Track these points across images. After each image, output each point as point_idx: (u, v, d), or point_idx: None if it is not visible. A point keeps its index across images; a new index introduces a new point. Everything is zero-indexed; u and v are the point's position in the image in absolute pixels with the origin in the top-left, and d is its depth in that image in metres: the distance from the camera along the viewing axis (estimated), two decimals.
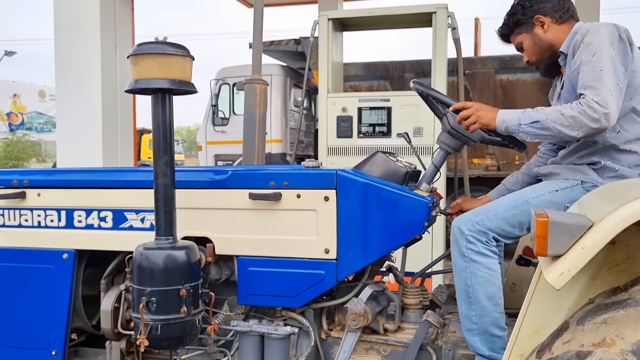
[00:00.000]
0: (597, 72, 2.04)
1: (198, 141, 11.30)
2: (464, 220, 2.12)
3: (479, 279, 2.07)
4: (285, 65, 10.58)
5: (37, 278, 2.37)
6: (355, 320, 2.14)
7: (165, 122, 2.03)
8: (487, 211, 2.13)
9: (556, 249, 1.49)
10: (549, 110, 2.09)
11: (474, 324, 2.08)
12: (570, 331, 1.63)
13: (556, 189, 2.18)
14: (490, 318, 2.06)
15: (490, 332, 2.07)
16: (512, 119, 2.12)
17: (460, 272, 2.11)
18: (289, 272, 2.19)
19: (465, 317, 2.11)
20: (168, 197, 2.04)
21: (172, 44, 2.01)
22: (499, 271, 2.11)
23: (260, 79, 2.87)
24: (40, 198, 2.38)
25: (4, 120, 27.69)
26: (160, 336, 1.98)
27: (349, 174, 2.15)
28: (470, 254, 2.08)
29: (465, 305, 2.10)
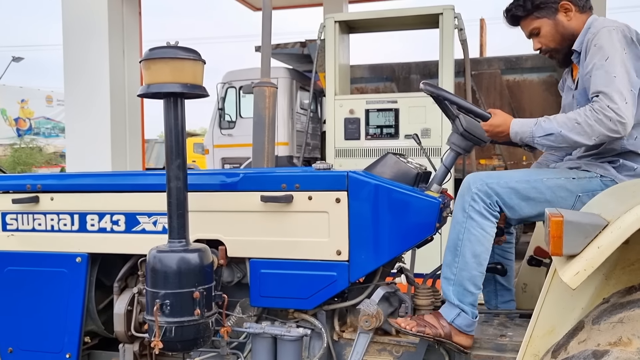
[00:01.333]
0: (611, 78, 2.04)
1: (205, 145, 11.34)
2: (476, 177, 2.16)
3: (471, 236, 2.12)
4: (292, 68, 10.60)
5: (51, 281, 2.38)
6: (367, 321, 2.14)
7: (177, 126, 2.04)
8: (500, 177, 2.16)
9: (571, 249, 1.49)
10: (562, 120, 2.10)
11: (453, 275, 2.16)
12: (586, 330, 1.63)
13: (574, 177, 2.19)
14: (469, 274, 2.13)
15: (465, 287, 2.14)
16: (526, 132, 2.18)
17: (456, 225, 2.17)
18: (301, 274, 2.19)
19: (446, 265, 2.19)
20: (181, 200, 2.04)
21: (184, 48, 2.02)
22: (492, 235, 2.15)
23: (269, 82, 2.88)
24: (54, 202, 2.40)
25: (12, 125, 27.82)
26: (175, 338, 1.98)
27: (360, 175, 2.16)
28: (471, 210, 2.12)
29: (450, 255, 2.18)
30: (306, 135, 6.64)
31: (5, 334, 2.47)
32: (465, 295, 2.14)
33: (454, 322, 2.12)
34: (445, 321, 2.13)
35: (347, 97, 5.37)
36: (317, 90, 9.56)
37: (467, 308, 2.13)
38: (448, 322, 2.13)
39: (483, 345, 2.19)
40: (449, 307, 2.16)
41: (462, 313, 2.12)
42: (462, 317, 2.13)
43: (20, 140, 26.40)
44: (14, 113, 27.82)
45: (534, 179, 2.17)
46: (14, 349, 2.46)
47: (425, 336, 2.11)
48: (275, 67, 10.54)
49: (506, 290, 2.60)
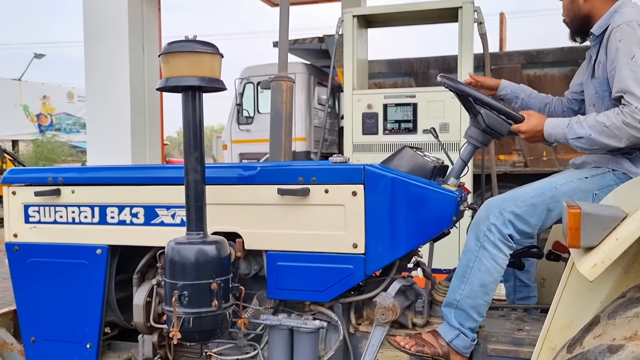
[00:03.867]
0: (637, 77, 2.02)
1: (223, 140, 11.41)
2: (492, 206, 2.14)
3: (481, 266, 2.11)
4: (309, 64, 10.62)
5: (72, 273, 2.43)
6: (384, 314, 2.15)
7: (196, 120, 2.06)
8: (515, 197, 2.15)
9: (589, 241, 1.49)
10: (592, 122, 2.11)
11: (456, 301, 2.15)
12: (602, 325, 1.63)
13: (586, 176, 2.18)
14: (474, 302, 2.12)
15: (468, 313, 2.13)
16: (559, 133, 2.20)
17: (467, 253, 2.16)
18: (318, 267, 2.21)
19: (452, 290, 2.18)
20: (199, 192, 2.07)
21: (202, 42, 2.04)
22: (503, 268, 2.14)
23: (286, 77, 2.89)
24: (75, 195, 2.44)
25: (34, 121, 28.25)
26: (192, 329, 2.01)
27: (377, 168, 2.16)
28: (485, 240, 2.11)
29: (457, 281, 2.17)
30: (324, 130, 6.64)
31: (28, 324, 2.52)
32: (467, 320, 2.13)
33: (452, 342, 2.13)
34: (444, 340, 2.13)
35: (365, 92, 5.35)
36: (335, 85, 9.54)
37: (467, 332, 2.13)
38: (446, 342, 2.13)
39: (500, 339, 2.19)
40: (448, 327, 2.16)
41: (461, 335, 2.13)
42: (461, 338, 2.13)
43: (42, 135, 26.80)
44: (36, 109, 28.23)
45: (548, 189, 2.15)
46: (37, 338, 2.51)
47: (424, 355, 2.12)
48: (293, 63, 10.57)
49: (525, 286, 2.59)
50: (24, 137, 26.77)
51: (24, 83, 27.55)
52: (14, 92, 26.57)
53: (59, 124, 28.62)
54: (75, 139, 27.91)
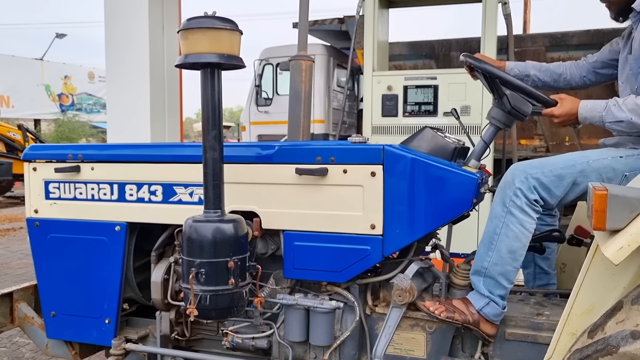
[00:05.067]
0: None
1: (242, 122, 11.43)
2: (519, 170, 2.11)
3: (509, 232, 2.08)
4: (329, 45, 10.55)
5: (91, 249, 2.45)
6: (400, 296, 2.14)
7: (214, 97, 2.05)
8: (544, 165, 2.11)
9: (615, 223, 1.46)
10: (632, 106, 2.07)
11: (485, 269, 2.12)
12: (625, 311, 1.59)
13: (620, 155, 2.13)
14: (503, 269, 2.09)
15: (497, 280, 2.10)
16: (595, 117, 2.15)
17: (494, 219, 2.12)
18: (335, 247, 2.20)
19: (479, 258, 2.15)
20: (217, 171, 2.06)
21: (221, 18, 2.02)
22: (531, 232, 2.10)
23: (306, 56, 2.86)
24: (94, 172, 2.45)
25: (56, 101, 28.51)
26: (209, 306, 2.02)
27: (397, 149, 2.13)
28: (512, 206, 2.08)
29: (484, 248, 2.13)
30: (343, 112, 6.60)
31: (48, 299, 2.56)
32: (496, 287, 2.10)
33: (482, 310, 2.10)
34: (474, 308, 2.11)
35: (385, 73, 5.28)
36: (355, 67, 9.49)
37: (497, 299, 2.10)
38: (477, 309, 2.11)
39: (519, 323, 2.16)
40: (477, 295, 2.14)
41: (491, 302, 2.10)
42: (492, 306, 2.10)
43: (63, 115, 27.06)
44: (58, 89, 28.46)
45: (580, 162, 2.11)
46: (57, 313, 2.54)
47: (454, 322, 2.09)
48: (313, 44, 10.52)
49: (545, 273, 2.55)
50: (46, 116, 27.04)
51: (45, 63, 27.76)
52: (36, 72, 26.79)
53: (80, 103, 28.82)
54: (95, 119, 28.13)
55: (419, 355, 2.26)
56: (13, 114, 23.27)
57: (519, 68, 2.55)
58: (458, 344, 2.26)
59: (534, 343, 2.09)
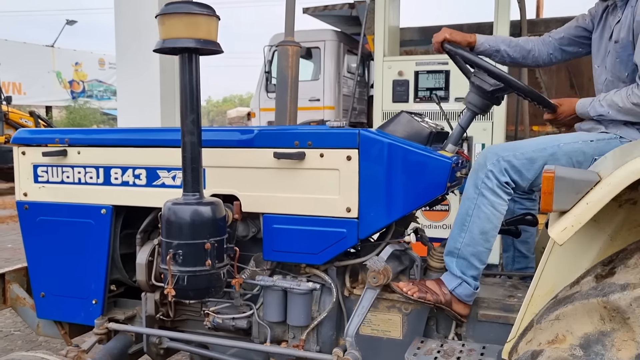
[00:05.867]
0: None
1: (252, 108, 11.55)
2: (492, 152, 2.19)
3: (480, 213, 2.16)
4: (339, 31, 10.58)
5: (78, 232, 2.57)
6: (375, 277, 2.23)
7: (192, 82, 2.15)
8: (516, 148, 2.19)
9: (562, 205, 1.53)
10: (609, 102, 2.19)
11: (457, 249, 2.21)
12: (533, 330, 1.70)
13: (591, 140, 2.21)
14: (475, 249, 2.18)
15: (469, 261, 2.19)
16: (585, 113, 2.31)
17: (466, 201, 2.20)
18: (312, 230, 2.29)
19: (452, 239, 2.24)
20: (195, 154, 2.16)
21: (198, 3, 2.10)
22: (503, 213, 2.18)
23: (293, 41, 2.95)
24: (80, 156, 2.57)
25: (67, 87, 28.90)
26: (187, 287, 2.12)
27: (372, 133, 2.22)
28: (483, 187, 2.16)
29: (457, 229, 2.22)
30: (353, 99, 6.67)
31: (38, 280, 2.69)
32: (469, 268, 2.19)
33: (454, 290, 2.19)
34: (447, 289, 2.20)
35: (396, 59, 5.29)
36: (365, 53, 9.53)
37: (469, 280, 2.19)
38: (449, 290, 2.19)
39: (491, 305, 2.26)
40: (450, 276, 2.23)
41: (463, 283, 2.18)
42: (464, 287, 2.19)
43: (74, 102, 27.44)
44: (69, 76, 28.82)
45: (551, 146, 2.18)
46: (46, 293, 2.68)
47: (426, 302, 2.19)
48: (322, 30, 10.58)
49: (524, 257, 2.64)
50: (57, 103, 27.40)
51: (56, 50, 28.09)
52: (47, 59, 27.12)
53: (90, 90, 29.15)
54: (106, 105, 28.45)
55: (395, 336, 2.36)
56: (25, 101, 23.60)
57: (490, 42, 2.59)
58: (432, 325, 2.36)
59: (505, 324, 2.17)
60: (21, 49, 25.29)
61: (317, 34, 10.39)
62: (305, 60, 10.73)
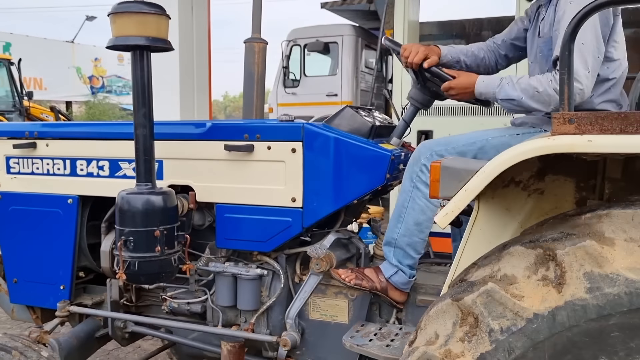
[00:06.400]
0: (579, 45, 2.09)
1: (269, 103, 11.74)
2: (426, 147, 2.30)
3: (415, 205, 2.28)
4: (357, 26, 10.69)
5: (47, 221, 2.75)
6: (317, 264, 2.37)
7: (144, 77, 2.33)
8: (448, 143, 2.30)
9: (447, 192, 1.66)
10: (525, 85, 2.20)
11: (394, 240, 2.34)
12: None
13: (517, 133, 2.31)
14: (410, 240, 2.31)
15: (405, 251, 2.31)
16: (489, 93, 2.30)
17: (403, 193, 2.32)
18: (260, 219, 2.45)
19: (390, 230, 2.36)
20: (147, 146, 2.33)
21: (148, 3, 2.27)
22: (437, 206, 2.29)
23: (259, 38, 3.10)
24: (49, 148, 2.76)
25: (86, 83, 29.57)
26: (138, 272, 2.29)
27: (315, 127, 2.37)
28: (417, 181, 2.27)
29: (394, 221, 2.35)
30: (371, 94, 6.75)
31: (11, 267, 2.88)
32: (405, 257, 2.32)
33: (390, 278, 2.32)
34: (384, 276, 2.33)
35: None
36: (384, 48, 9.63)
37: (405, 269, 2.32)
38: (386, 278, 2.33)
39: (428, 290, 2.38)
40: (388, 265, 2.35)
41: (399, 271, 2.31)
42: (400, 275, 2.32)
43: (94, 97, 28.05)
44: (88, 71, 29.45)
45: (480, 140, 2.28)
46: (18, 280, 2.87)
47: (362, 288, 2.33)
48: (340, 25, 10.71)
49: None
50: (77, 98, 28.03)
51: (76, 45, 28.73)
52: (67, 54, 27.77)
53: (109, 86, 29.75)
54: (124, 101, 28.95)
55: (342, 320, 2.51)
56: (45, 96, 24.19)
57: (452, 54, 2.67)
58: (375, 310, 2.50)
59: None
60: (42, 45, 25.91)
61: (334, 28, 10.51)
62: (323, 55, 10.89)
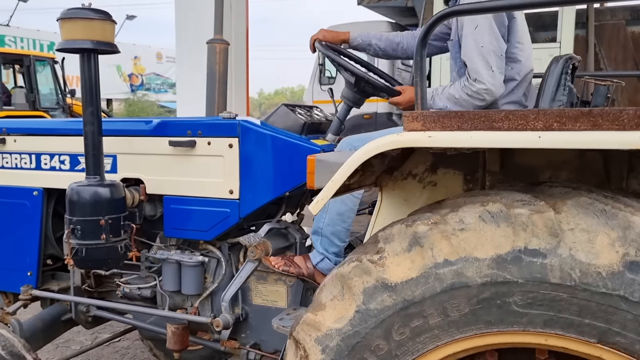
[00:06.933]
0: (479, 48, 2.29)
1: (305, 100, 11.94)
2: (345, 142, 2.48)
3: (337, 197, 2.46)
4: (394, 22, 10.74)
5: (15, 211, 3.01)
6: (252, 252, 2.57)
7: (91, 78, 2.55)
8: (365, 139, 2.44)
9: (320, 183, 1.84)
10: (447, 95, 2.45)
11: (320, 229, 2.54)
12: None
13: None
14: (334, 229, 2.49)
15: (330, 239, 2.50)
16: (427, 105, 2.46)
17: None
18: (202, 210, 2.65)
19: (317, 220, 2.55)
20: (95, 142, 2.56)
21: (94, 9, 2.50)
22: (358, 197, 2.48)
23: (221, 39, 3.32)
24: (17, 144, 3.01)
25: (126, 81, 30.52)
26: (85, 258, 2.52)
27: (249, 124, 2.56)
28: None
29: (321, 212, 2.54)
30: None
31: None
32: (330, 245, 2.51)
33: (317, 265, 2.52)
34: (311, 263, 2.53)
35: None
36: None
37: (330, 256, 2.51)
38: (313, 264, 2.52)
39: None
40: (315, 253, 2.55)
41: (325, 259, 2.51)
42: (326, 262, 2.51)
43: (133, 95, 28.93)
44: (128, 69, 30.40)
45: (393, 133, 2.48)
46: None
47: (289, 274, 2.53)
48: (377, 21, 10.79)
49: None
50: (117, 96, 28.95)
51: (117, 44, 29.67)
52: None
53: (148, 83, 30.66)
54: (163, 98, 29.89)
55: (281, 305, 2.70)
56: None
57: (362, 38, 2.86)
58: (310, 296, 2.67)
59: None
60: None
61: (371, 26, 10.62)
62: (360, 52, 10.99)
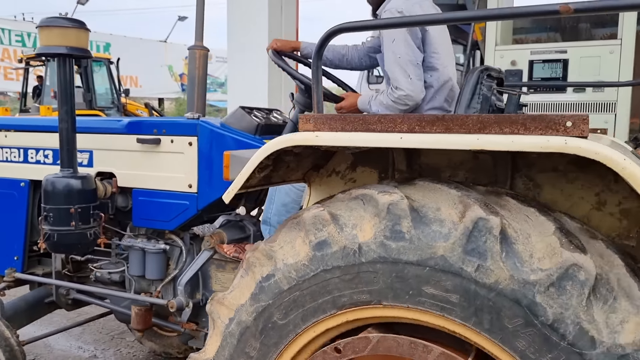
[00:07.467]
0: (397, 59, 2.55)
1: None
2: None
3: (281, 189, 2.72)
4: None
5: (4, 201, 3.34)
6: (207, 241, 2.84)
7: (66, 80, 2.86)
8: None
9: (233, 175, 2.10)
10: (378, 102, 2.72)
11: (268, 219, 2.77)
12: None
13: None
14: (280, 219, 2.73)
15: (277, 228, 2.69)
16: (366, 109, 2.84)
17: None
18: (165, 202, 2.93)
19: (265, 210, 2.80)
20: (69, 138, 2.87)
21: (69, 19, 2.84)
22: (300, 190, 2.71)
23: (201, 46, 3.61)
24: (7, 139, 3.35)
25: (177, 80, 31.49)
26: (56, 242, 2.82)
27: (207, 124, 2.83)
28: None
29: (268, 202, 2.79)
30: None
31: None
32: None
33: None
34: None
35: (509, 48, 5.27)
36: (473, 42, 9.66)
37: None
38: None
39: None
40: None
41: None
42: None
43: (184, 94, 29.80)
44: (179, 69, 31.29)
45: None
46: None
47: (238, 260, 2.79)
48: None
49: None
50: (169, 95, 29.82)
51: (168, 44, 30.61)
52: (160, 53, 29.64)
53: None
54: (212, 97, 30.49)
55: None
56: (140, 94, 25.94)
57: (311, 48, 3.10)
58: None
59: None
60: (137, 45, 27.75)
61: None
62: None
